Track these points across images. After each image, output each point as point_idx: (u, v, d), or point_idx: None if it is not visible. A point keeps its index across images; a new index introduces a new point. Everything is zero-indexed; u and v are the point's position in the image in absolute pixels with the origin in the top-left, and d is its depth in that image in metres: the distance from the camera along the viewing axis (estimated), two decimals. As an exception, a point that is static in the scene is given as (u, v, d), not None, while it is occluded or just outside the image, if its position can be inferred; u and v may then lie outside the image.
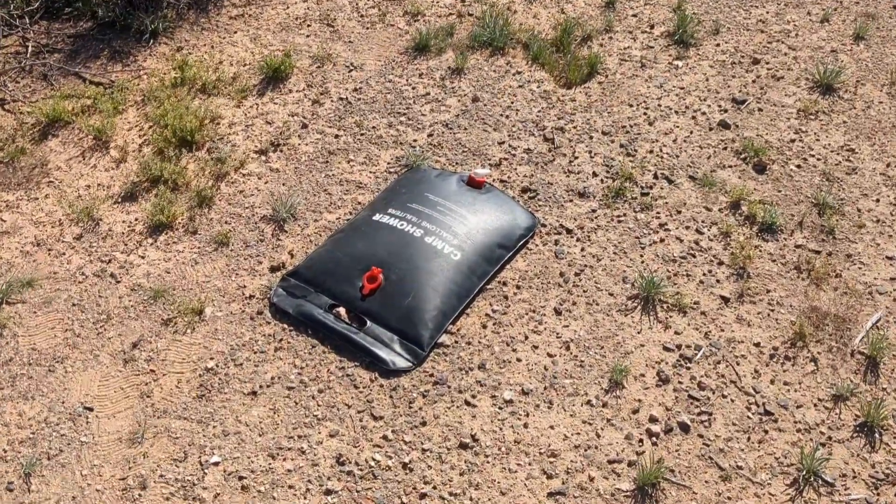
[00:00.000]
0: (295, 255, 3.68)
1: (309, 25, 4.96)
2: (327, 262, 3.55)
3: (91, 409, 3.16)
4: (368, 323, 3.37)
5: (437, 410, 3.12)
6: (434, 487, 2.91)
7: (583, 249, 3.67)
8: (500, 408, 3.12)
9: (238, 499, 2.89)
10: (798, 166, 4.02)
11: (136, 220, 3.86)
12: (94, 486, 2.94)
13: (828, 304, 3.44)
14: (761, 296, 3.47)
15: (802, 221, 3.76)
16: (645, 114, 4.32)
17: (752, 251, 3.62)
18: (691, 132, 4.21)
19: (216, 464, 2.98)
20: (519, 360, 3.27)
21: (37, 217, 3.89)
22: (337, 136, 4.25)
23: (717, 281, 3.53)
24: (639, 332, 3.36)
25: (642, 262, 3.62)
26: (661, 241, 3.70)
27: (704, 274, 3.56)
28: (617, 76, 4.57)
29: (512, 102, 4.41)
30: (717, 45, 4.73)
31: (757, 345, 3.30)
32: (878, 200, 3.86)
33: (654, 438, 3.03)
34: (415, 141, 4.20)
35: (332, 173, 4.05)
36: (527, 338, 3.35)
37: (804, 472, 2.91)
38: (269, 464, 2.98)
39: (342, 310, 3.43)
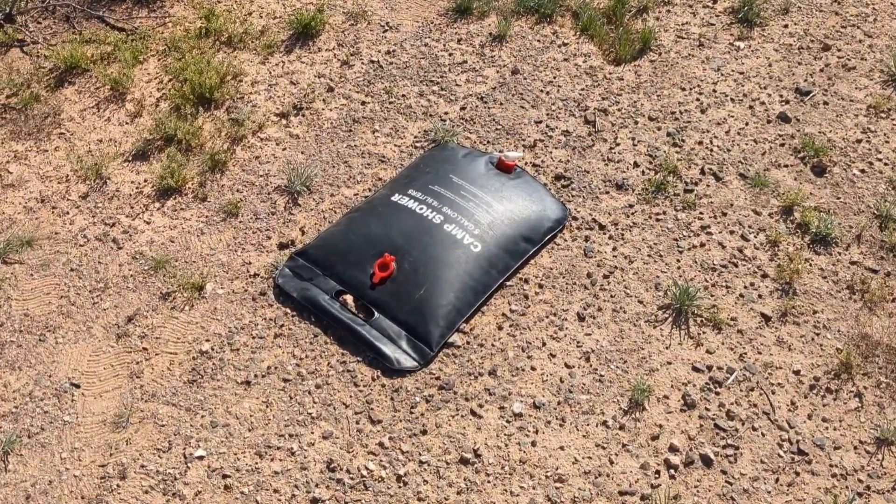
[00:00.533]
0: (306, 233, 3.45)
1: (345, -22, 4.65)
2: (339, 244, 3.32)
3: (78, 386, 3.01)
4: (376, 314, 3.14)
5: (440, 419, 2.89)
6: (428, 505, 2.71)
7: (615, 249, 3.38)
8: (508, 421, 2.89)
9: (220, 499, 2.72)
10: (862, 171, 3.64)
11: (146, 181, 3.66)
12: (73, 472, 2.79)
13: (881, 332, 3.11)
14: (807, 317, 3.16)
15: (861, 235, 3.41)
16: (698, 99, 3.96)
17: (802, 265, 3.29)
18: (747, 124, 3.84)
19: (201, 458, 2.81)
20: (533, 368, 3.02)
21: (44, 171, 3.71)
22: (363, 103, 3.97)
23: (760, 296, 3.22)
24: (667, 348, 3.08)
25: (678, 267, 3.32)
26: (702, 245, 3.38)
27: (746, 287, 3.25)
28: (671, 55, 4.19)
29: (554, 77, 4.08)
30: (785, 26, 4.31)
31: (797, 373, 3.00)
32: (949, 216, 3.49)
33: (672, 470, 2.77)
34: (446, 114, 3.91)
35: (355, 144, 3.79)
36: (544, 344, 3.09)
37: (835, 524, 2.64)
38: (256, 463, 2.80)
39: (349, 298, 3.20)
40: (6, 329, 3.17)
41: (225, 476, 2.77)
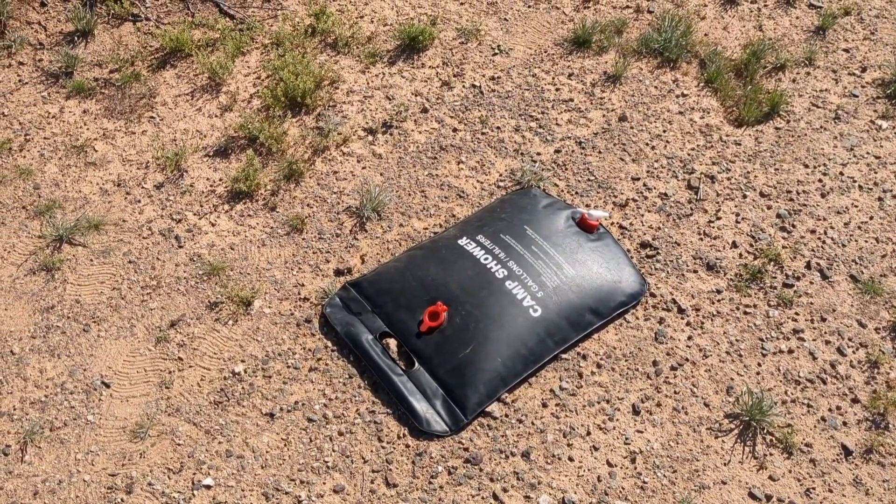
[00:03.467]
0: (366, 262, 3.30)
1: (465, -8, 4.45)
2: (394, 282, 3.15)
3: (108, 386, 2.96)
4: (416, 365, 2.95)
5: (459, 496, 2.68)
6: (424, 591, 2.51)
7: (690, 338, 3.06)
8: (531, 513, 2.65)
9: (215, 537, 2.62)
10: None
11: (220, 180, 3.59)
12: (83, 475, 2.75)
13: (982, 494, 2.69)
14: (895, 458, 2.76)
15: (981, 372, 2.96)
16: (820, 181, 3.55)
17: (902, 396, 2.88)
18: (871, 217, 3.42)
19: (208, 487, 2.71)
20: (571, 459, 2.77)
21: (127, 154, 3.70)
22: (455, 130, 3.77)
23: (845, 423, 2.84)
24: (725, 464, 2.75)
25: (757, 373, 2.97)
26: (790, 352, 3.02)
27: (830, 409, 2.88)
28: (801, 124, 3.78)
29: (664, 131, 3.76)
30: (941, 109, 3.82)
31: (870, 524, 2.63)
32: None
33: None
34: (538, 154, 3.66)
35: (437, 173, 3.60)
36: (589, 433, 2.82)
37: None
38: (261, 504, 2.68)
39: (392, 342, 3.03)
40: (55, 313, 3.16)
41: (226, 512, 2.66)
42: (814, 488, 2.69)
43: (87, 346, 3.07)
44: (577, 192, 3.52)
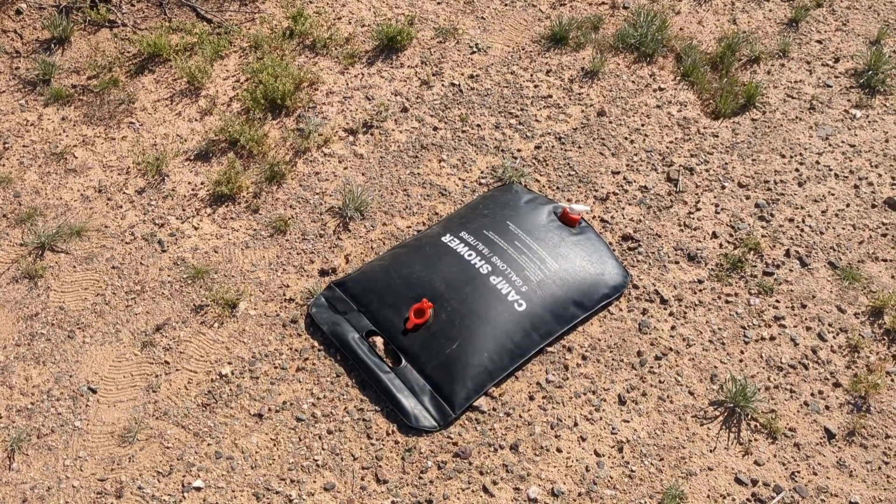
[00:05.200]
0: (350, 262, 3.31)
1: (442, -8, 4.47)
2: (379, 281, 3.16)
3: (94, 391, 2.96)
4: (403, 362, 2.97)
5: (449, 490, 2.70)
6: (417, 585, 2.53)
7: (673, 328, 3.09)
8: (521, 505, 2.68)
9: (207, 538, 2.62)
10: (973, 278, 3.23)
11: (202, 184, 3.59)
12: (72, 481, 2.74)
13: (962, 472, 2.74)
14: (877, 440, 2.81)
15: (959, 353, 3.02)
16: (797, 170, 3.60)
17: (882, 379, 2.93)
18: (847, 205, 3.47)
19: (198, 489, 2.71)
20: (559, 450, 2.79)
21: (107, 160, 3.69)
22: (435, 129, 3.79)
23: (827, 407, 2.88)
24: (711, 451, 2.79)
25: (740, 360, 3.01)
26: (772, 339, 3.06)
27: (813, 394, 2.92)
28: (776, 115, 3.83)
29: (643, 125, 3.79)
30: (913, 97, 3.88)
31: (854, 505, 2.67)
32: None
33: None
34: (518, 151, 3.68)
35: (419, 172, 3.62)
36: (576, 424, 2.85)
37: None
38: (252, 505, 2.68)
39: (379, 340, 3.04)
40: (39, 320, 3.15)
41: (217, 514, 2.66)
42: (798, 472, 2.73)
43: (73, 353, 3.06)
44: (558, 187, 3.55)
